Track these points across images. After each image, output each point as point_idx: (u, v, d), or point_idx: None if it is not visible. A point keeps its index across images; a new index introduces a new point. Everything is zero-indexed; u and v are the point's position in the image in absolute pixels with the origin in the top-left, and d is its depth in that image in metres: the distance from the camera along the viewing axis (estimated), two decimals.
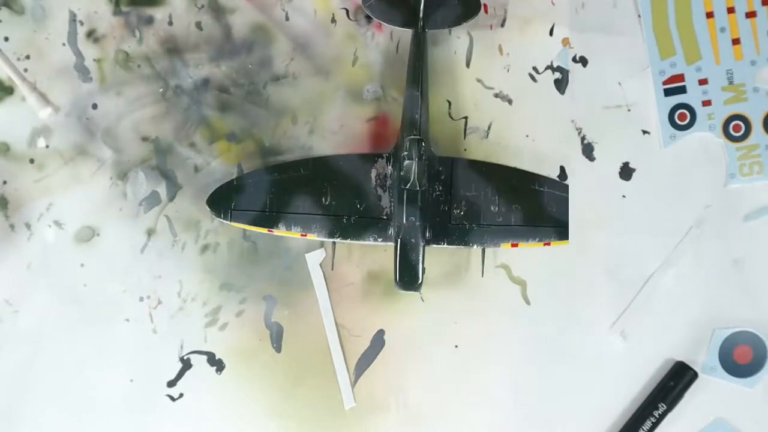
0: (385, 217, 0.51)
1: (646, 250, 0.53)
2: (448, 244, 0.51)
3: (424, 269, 0.50)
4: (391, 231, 0.51)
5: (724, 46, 0.53)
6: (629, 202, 0.53)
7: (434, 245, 0.51)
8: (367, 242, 0.51)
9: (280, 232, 0.51)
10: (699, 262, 0.53)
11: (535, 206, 0.52)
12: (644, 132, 0.54)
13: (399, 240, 0.50)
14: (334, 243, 0.52)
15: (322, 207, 0.51)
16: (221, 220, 0.51)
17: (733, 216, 0.54)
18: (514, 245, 0.51)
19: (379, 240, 0.51)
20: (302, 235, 0.51)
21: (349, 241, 0.51)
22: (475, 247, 0.51)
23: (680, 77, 0.53)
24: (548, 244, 0.51)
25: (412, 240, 0.50)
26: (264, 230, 0.51)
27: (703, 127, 0.53)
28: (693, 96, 0.53)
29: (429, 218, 0.51)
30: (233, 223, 0.51)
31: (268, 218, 0.51)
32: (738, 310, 0.54)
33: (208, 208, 0.51)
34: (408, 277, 0.50)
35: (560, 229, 0.52)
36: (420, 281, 0.50)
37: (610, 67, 0.54)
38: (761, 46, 0.53)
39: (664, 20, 0.53)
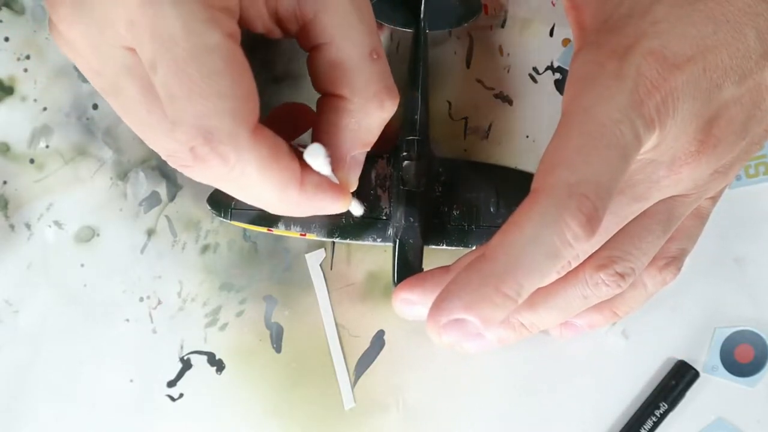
0: (384, 218, 0.51)
1: None
2: (447, 245, 0.51)
3: (423, 270, 0.50)
4: (390, 231, 0.51)
5: None
6: None
7: (433, 246, 0.51)
8: (366, 242, 0.51)
9: (279, 231, 0.51)
10: (700, 261, 0.53)
11: None
12: None
13: (398, 240, 0.50)
14: (333, 243, 0.52)
15: None
16: (222, 219, 0.51)
17: (735, 214, 0.53)
18: None
19: (379, 240, 0.51)
20: (301, 234, 0.51)
21: (348, 241, 0.51)
22: (474, 248, 0.51)
23: None
24: None
25: (411, 241, 0.50)
26: (264, 229, 0.51)
27: None
28: None
29: (428, 219, 0.51)
30: (233, 222, 0.51)
31: (267, 217, 0.51)
32: (739, 309, 0.54)
33: (209, 208, 0.51)
34: (407, 277, 0.50)
35: None
36: None
37: None
38: None
39: None
